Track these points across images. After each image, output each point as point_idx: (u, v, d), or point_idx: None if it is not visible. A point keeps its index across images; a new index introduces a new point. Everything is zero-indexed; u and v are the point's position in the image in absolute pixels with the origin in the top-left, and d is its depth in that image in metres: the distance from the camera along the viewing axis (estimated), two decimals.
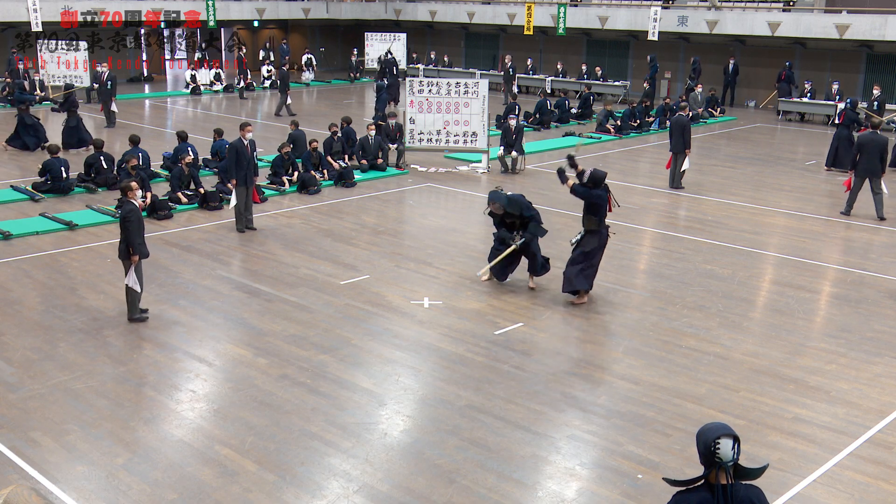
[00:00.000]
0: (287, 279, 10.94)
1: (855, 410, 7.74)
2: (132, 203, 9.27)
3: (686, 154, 16.40)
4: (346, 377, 8.22)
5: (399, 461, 6.77)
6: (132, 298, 9.44)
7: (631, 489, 6.44)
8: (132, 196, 9.35)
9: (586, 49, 32.93)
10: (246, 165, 12.82)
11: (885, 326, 9.76)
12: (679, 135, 16.37)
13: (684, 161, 16.43)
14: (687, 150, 16.38)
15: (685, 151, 16.36)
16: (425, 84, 17.87)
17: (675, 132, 16.51)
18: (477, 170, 18.05)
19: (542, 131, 23.43)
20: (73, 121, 19.11)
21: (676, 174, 16.59)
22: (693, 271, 11.58)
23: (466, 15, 34.47)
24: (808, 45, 27.46)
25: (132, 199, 9.32)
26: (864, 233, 13.90)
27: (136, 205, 9.29)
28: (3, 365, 8.32)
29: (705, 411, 7.59)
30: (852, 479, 6.64)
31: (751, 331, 9.59)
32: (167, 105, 27.86)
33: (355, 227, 13.49)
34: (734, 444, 3.79)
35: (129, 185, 9.44)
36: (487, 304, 10.24)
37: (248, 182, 12.91)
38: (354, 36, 37.18)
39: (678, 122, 16.49)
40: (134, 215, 9.18)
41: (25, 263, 11.37)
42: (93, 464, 6.63)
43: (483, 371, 8.40)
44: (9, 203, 14.52)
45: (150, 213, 13.73)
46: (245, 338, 9.11)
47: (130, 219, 9.15)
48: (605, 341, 9.21)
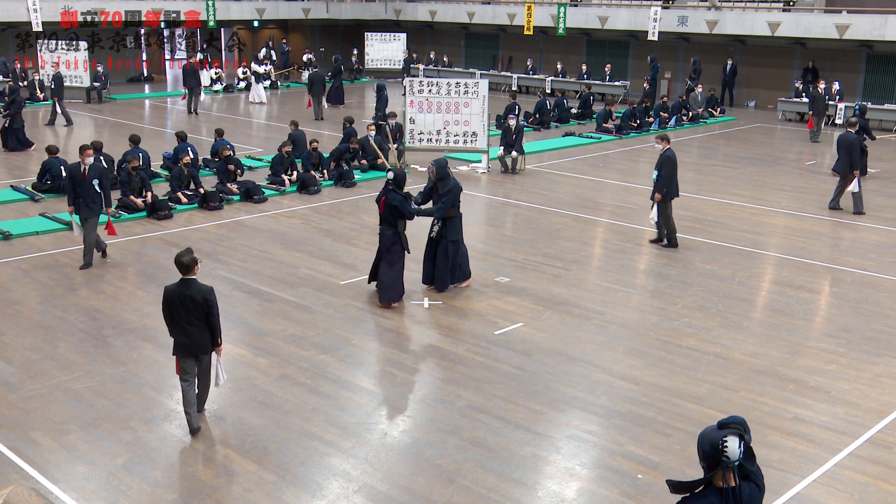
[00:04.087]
0: (287, 279, 10.94)
1: (855, 410, 7.74)
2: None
3: (854, 175, 14.67)
4: (346, 377, 8.22)
5: (399, 461, 6.77)
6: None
7: (631, 489, 6.44)
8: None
9: (586, 49, 32.92)
10: (81, 193, 10.90)
11: (885, 326, 9.76)
12: (846, 154, 14.73)
13: (852, 182, 14.73)
14: (855, 172, 14.69)
15: (853, 173, 14.69)
16: (425, 84, 17.86)
17: (841, 151, 14.88)
18: (477, 170, 18.05)
19: (541, 131, 23.44)
20: (17, 122, 19.27)
21: (838, 194, 15.04)
22: (693, 271, 11.58)
23: (466, 15, 34.48)
24: (808, 45, 27.45)
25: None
26: (865, 233, 13.90)
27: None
28: (3, 365, 8.32)
29: (705, 411, 7.58)
30: (852, 479, 6.64)
31: (751, 331, 9.59)
32: (167, 105, 27.87)
33: (355, 227, 13.49)
34: (740, 442, 3.78)
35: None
36: (487, 304, 10.24)
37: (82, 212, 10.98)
38: (354, 36, 37.18)
39: (845, 141, 14.76)
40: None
41: (25, 263, 11.37)
42: (93, 464, 6.63)
43: (483, 371, 8.40)
44: (9, 203, 14.52)
45: (150, 213, 13.75)
46: (245, 338, 9.11)
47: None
48: (605, 341, 9.21)
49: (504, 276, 11.22)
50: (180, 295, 6.94)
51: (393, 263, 9.96)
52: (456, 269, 10.59)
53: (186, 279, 6.98)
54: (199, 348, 7.06)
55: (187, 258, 6.96)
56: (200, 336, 7.02)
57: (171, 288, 7.02)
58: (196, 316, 6.95)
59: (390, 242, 9.90)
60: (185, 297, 6.93)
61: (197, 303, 6.93)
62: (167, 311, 7.02)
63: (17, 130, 19.24)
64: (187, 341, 7.01)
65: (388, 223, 9.91)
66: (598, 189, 16.60)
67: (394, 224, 9.90)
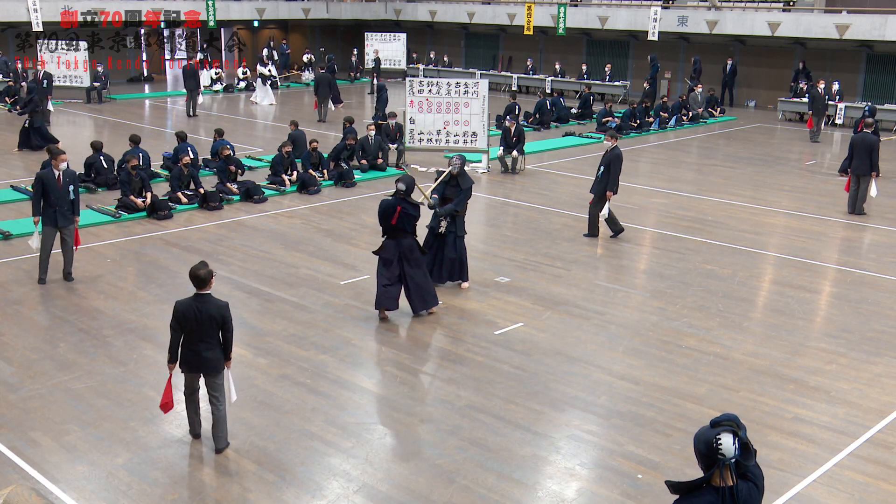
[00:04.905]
0: (287, 279, 10.94)
1: (855, 410, 7.74)
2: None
3: (873, 177, 14.69)
4: (346, 377, 8.22)
5: (399, 461, 6.77)
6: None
7: (631, 489, 6.44)
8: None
9: (586, 49, 32.93)
10: (55, 201, 10.34)
11: (885, 326, 9.76)
12: (866, 155, 14.59)
13: (871, 185, 14.75)
14: (874, 174, 14.66)
15: (871, 174, 14.66)
16: (425, 84, 17.87)
17: (860, 152, 14.69)
18: (477, 170, 18.04)
19: (541, 131, 23.44)
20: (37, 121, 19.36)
21: (859, 198, 14.81)
22: (693, 271, 11.58)
23: (466, 15, 34.48)
24: (808, 45, 27.46)
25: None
26: (864, 233, 13.91)
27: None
28: (3, 365, 8.32)
29: (705, 411, 7.58)
30: (852, 479, 6.64)
31: (751, 331, 9.59)
32: (167, 105, 27.87)
33: (355, 227, 13.49)
34: (734, 439, 3.78)
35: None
36: (487, 304, 10.24)
37: (58, 222, 10.43)
38: (354, 36, 37.18)
39: (865, 142, 14.68)
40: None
41: (25, 263, 11.37)
42: (93, 464, 6.63)
43: (483, 371, 8.40)
44: (9, 203, 14.53)
45: (150, 213, 13.74)
46: (245, 338, 9.10)
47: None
48: (605, 341, 9.21)
49: (504, 276, 11.22)
50: (195, 310, 6.54)
51: (422, 270, 9.78)
52: (464, 266, 10.66)
53: (202, 294, 6.60)
54: (204, 364, 6.71)
55: (204, 272, 6.57)
56: (208, 353, 6.68)
57: (185, 303, 6.60)
58: (210, 333, 6.62)
59: (409, 250, 9.62)
60: (201, 312, 6.55)
61: (213, 319, 6.59)
62: (179, 327, 6.59)
63: (38, 129, 19.27)
64: (193, 358, 6.67)
65: (405, 232, 9.59)
66: None
67: (410, 231, 9.65)
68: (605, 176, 12.54)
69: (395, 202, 9.47)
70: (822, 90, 22.62)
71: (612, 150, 12.61)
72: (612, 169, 12.53)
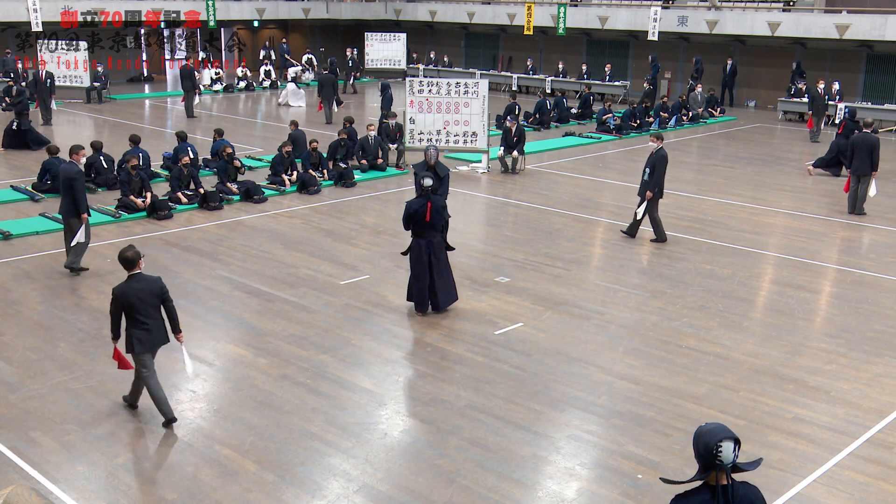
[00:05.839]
0: (287, 279, 10.94)
1: (855, 410, 7.74)
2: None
3: (872, 177, 14.66)
4: (346, 377, 8.22)
5: (399, 461, 6.77)
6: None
7: (631, 489, 6.44)
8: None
9: (586, 49, 32.92)
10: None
11: (885, 326, 9.76)
12: (867, 155, 14.58)
13: (870, 185, 14.72)
14: (873, 173, 14.62)
15: (871, 174, 14.63)
16: (425, 84, 17.86)
17: (861, 152, 14.67)
18: (477, 170, 18.05)
19: (542, 131, 23.44)
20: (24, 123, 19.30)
21: (859, 198, 14.83)
22: (693, 271, 11.58)
23: (466, 15, 34.48)
24: (808, 45, 27.46)
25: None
26: (864, 233, 13.91)
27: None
28: (3, 365, 8.32)
29: (705, 411, 7.58)
30: (852, 479, 6.64)
31: (751, 331, 9.59)
32: (167, 105, 27.87)
33: (355, 227, 13.49)
34: (735, 446, 3.80)
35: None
36: (487, 304, 10.24)
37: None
38: (354, 36, 37.18)
39: (866, 141, 14.64)
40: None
41: (25, 263, 11.37)
42: (93, 464, 6.63)
43: (483, 371, 8.40)
44: (9, 203, 14.52)
45: (150, 213, 13.75)
46: (245, 338, 9.11)
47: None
48: (605, 341, 9.21)
49: (504, 276, 11.22)
50: (133, 290, 7.03)
51: (447, 266, 9.84)
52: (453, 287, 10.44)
53: (134, 274, 7.10)
54: (160, 340, 7.19)
55: (131, 252, 7.09)
56: (159, 328, 7.15)
57: (122, 286, 7.09)
58: (153, 307, 7.07)
59: (438, 248, 9.65)
60: (138, 290, 7.03)
61: (154, 293, 7.08)
62: (119, 310, 7.05)
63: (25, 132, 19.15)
64: (147, 335, 7.07)
65: (434, 230, 9.60)
66: (598, 189, 16.60)
67: (440, 229, 9.71)
68: (651, 177, 12.55)
69: (424, 199, 9.54)
70: (821, 90, 22.62)
71: (657, 152, 12.55)
72: (657, 170, 12.52)
